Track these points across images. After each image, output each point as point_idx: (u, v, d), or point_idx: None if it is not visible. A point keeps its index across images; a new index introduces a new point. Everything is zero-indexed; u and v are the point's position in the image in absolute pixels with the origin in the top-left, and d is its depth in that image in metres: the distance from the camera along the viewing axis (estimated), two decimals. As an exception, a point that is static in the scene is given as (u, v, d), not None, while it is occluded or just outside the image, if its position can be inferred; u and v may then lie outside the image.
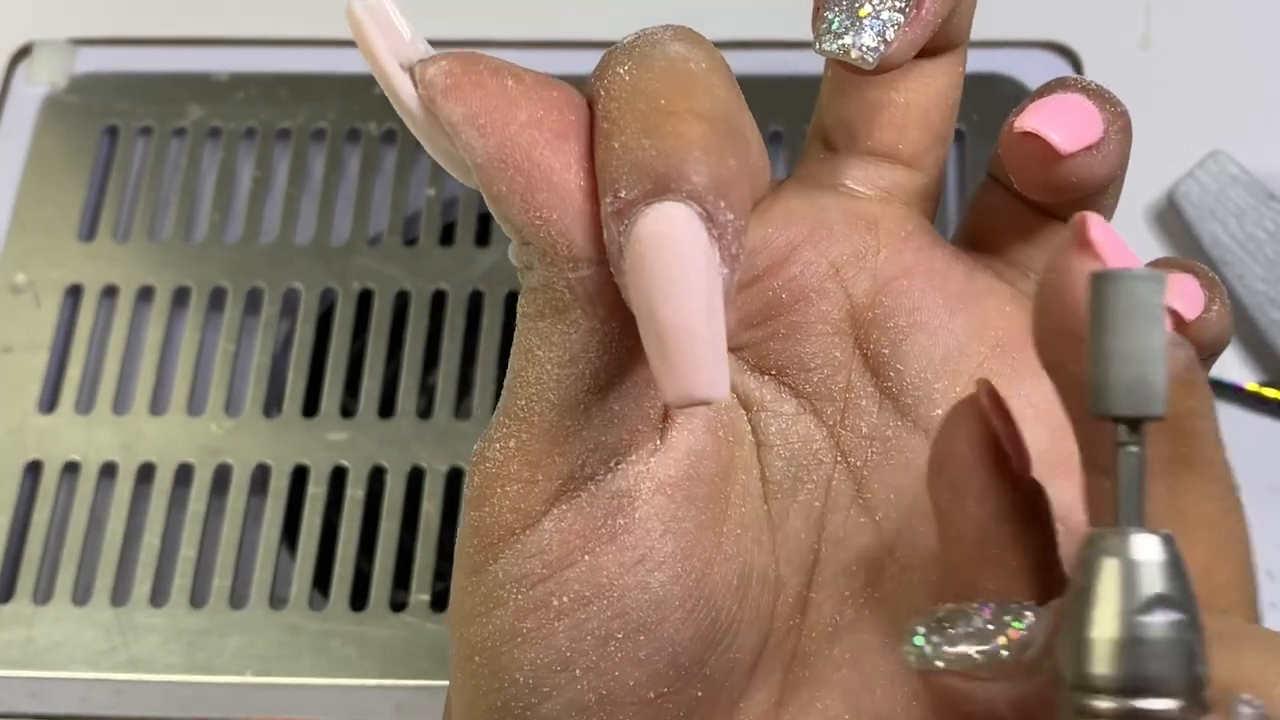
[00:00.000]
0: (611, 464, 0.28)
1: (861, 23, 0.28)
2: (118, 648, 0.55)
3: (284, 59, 0.67)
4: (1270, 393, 0.58)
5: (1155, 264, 0.30)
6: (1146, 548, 0.22)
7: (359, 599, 0.56)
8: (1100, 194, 0.30)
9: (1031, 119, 0.28)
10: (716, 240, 0.24)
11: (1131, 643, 0.21)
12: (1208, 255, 0.60)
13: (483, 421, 0.58)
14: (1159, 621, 0.21)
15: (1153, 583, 0.21)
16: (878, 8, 0.28)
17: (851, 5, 0.28)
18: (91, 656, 0.55)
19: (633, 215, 0.24)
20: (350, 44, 0.76)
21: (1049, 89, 0.29)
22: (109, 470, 0.59)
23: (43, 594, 0.56)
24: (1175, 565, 0.22)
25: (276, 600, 0.56)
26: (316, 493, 0.58)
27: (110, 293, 0.62)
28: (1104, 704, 0.21)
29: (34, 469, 0.59)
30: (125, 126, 0.65)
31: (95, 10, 0.68)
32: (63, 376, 0.60)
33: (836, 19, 0.28)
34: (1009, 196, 0.31)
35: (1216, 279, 0.30)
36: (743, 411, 0.30)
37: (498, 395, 0.29)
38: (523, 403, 0.27)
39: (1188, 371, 0.24)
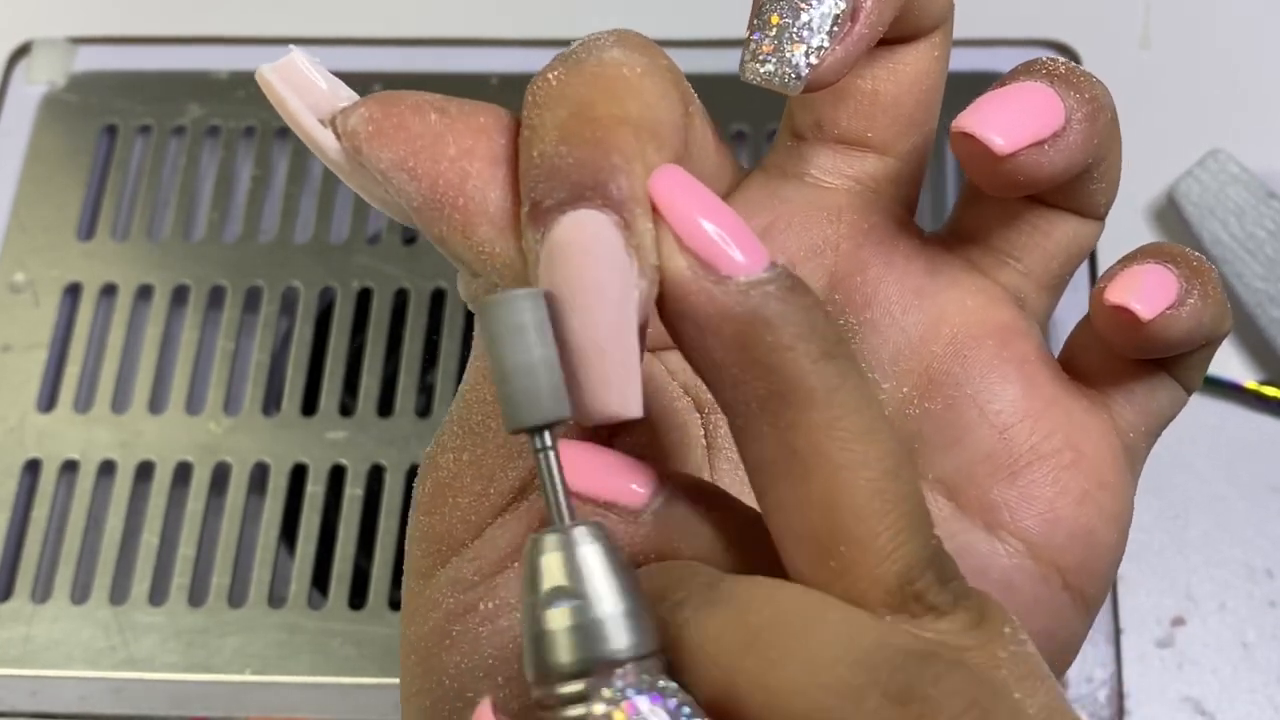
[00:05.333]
0: None
1: (785, 48, 0.27)
2: (116, 646, 0.55)
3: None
4: (1270, 391, 0.58)
5: (1143, 249, 0.29)
6: (562, 543, 0.23)
7: (358, 597, 0.56)
8: (1079, 180, 0.29)
9: (970, 118, 0.27)
10: (635, 251, 0.23)
11: (533, 640, 0.23)
12: (1207, 254, 0.60)
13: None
14: (557, 612, 0.22)
15: (554, 576, 0.23)
16: (802, 31, 0.27)
17: (779, 32, 0.27)
18: (90, 655, 0.55)
19: (548, 223, 0.23)
20: (349, 42, 0.76)
21: (1011, 76, 0.28)
22: (108, 469, 0.59)
23: (41, 593, 0.56)
24: (588, 555, 0.23)
25: (275, 599, 0.56)
26: (315, 491, 0.58)
27: (109, 291, 0.62)
28: (538, 692, 0.23)
29: (33, 467, 0.59)
30: (124, 125, 0.65)
31: (94, 9, 0.68)
32: (61, 375, 0.60)
33: (760, 44, 0.27)
34: None
35: (1205, 267, 0.29)
36: (696, 415, 0.30)
37: (496, 393, 0.29)
38: (479, 418, 0.27)
39: (762, 309, 0.23)
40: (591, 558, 0.23)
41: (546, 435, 0.23)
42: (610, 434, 0.28)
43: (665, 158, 0.24)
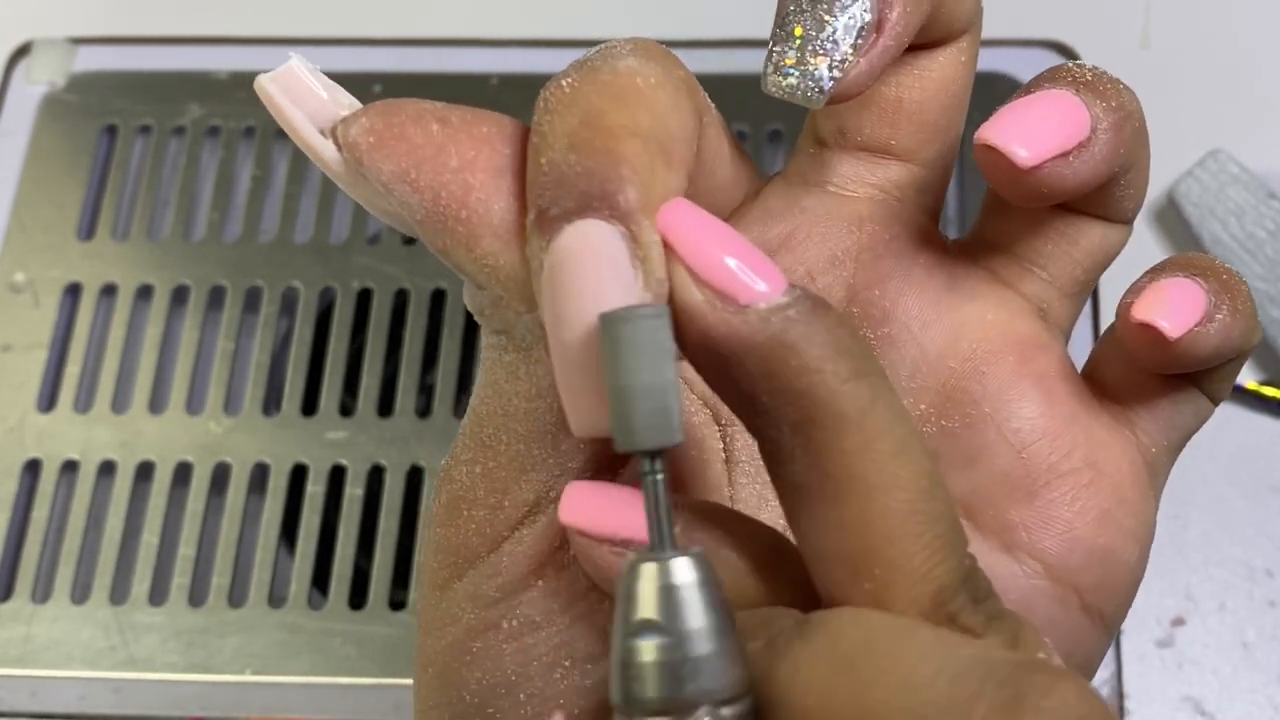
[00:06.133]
0: None
1: (808, 61, 0.26)
2: (116, 646, 0.55)
3: (283, 57, 0.67)
4: (1270, 391, 0.58)
5: (1171, 261, 0.28)
6: (660, 573, 0.22)
7: (358, 598, 0.56)
8: (1106, 187, 0.28)
9: (992, 129, 0.26)
10: (641, 264, 0.23)
11: (622, 667, 0.22)
12: (1208, 254, 0.59)
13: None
14: (646, 645, 0.22)
15: (645, 608, 0.22)
16: (826, 43, 0.26)
17: (802, 44, 0.26)
18: (90, 655, 0.55)
19: (554, 232, 0.23)
20: (349, 42, 0.75)
21: (1036, 83, 0.27)
22: (108, 469, 0.59)
23: (41, 593, 0.56)
24: (685, 588, 0.22)
25: (275, 599, 0.56)
26: (315, 491, 0.58)
27: (109, 291, 0.62)
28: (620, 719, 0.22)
29: (33, 467, 0.59)
30: (124, 125, 0.65)
31: (94, 9, 0.68)
32: (61, 375, 0.60)
33: (783, 56, 0.26)
34: None
35: (1234, 280, 0.28)
36: (714, 427, 0.29)
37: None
38: (490, 431, 0.27)
39: (784, 334, 0.22)
40: (688, 591, 0.22)
41: (659, 459, 0.23)
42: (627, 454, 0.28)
43: (676, 171, 0.24)
